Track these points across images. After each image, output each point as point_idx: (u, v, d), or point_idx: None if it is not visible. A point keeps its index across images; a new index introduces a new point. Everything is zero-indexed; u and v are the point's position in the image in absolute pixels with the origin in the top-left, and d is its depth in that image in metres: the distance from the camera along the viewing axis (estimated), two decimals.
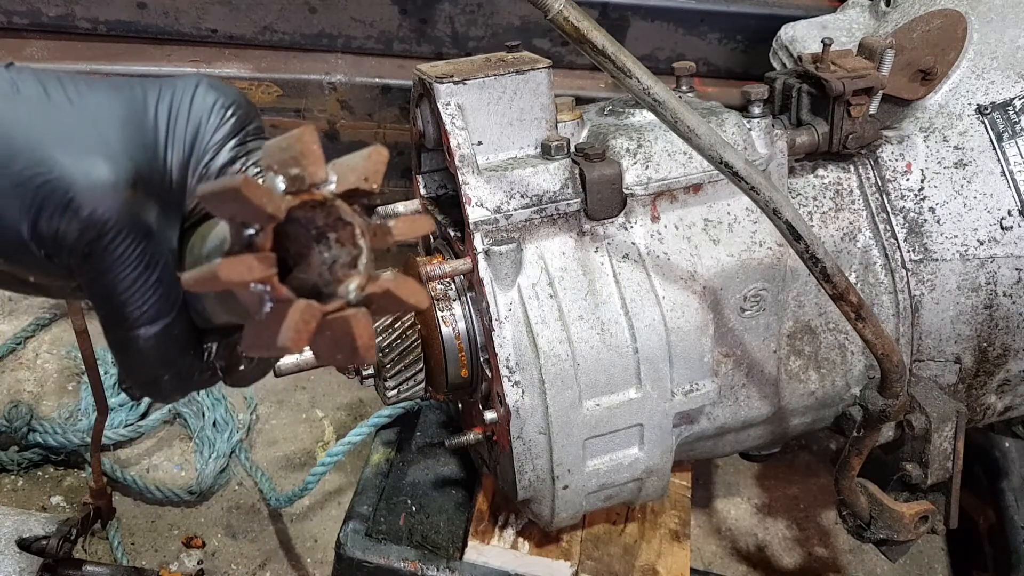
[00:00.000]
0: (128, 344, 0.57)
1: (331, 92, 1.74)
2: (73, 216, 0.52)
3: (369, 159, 0.49)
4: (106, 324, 0.57)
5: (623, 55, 0.82)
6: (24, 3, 1.65)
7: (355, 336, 0.48)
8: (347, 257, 0.49)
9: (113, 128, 0.56)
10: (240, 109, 0.61)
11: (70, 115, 0.55)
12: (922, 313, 1.16)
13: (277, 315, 0.46)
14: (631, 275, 1.03)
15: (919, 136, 1.18)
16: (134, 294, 0.55)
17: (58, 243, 0.52)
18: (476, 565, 1.19)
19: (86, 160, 0.53)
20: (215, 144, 0.60)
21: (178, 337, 0.58)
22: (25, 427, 1.68)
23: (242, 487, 1.70)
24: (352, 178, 0.49)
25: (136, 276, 0.55)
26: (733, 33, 1.70)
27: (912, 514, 1.12)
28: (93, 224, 0.52)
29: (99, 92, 0.57)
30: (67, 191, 0.52)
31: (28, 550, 1.27)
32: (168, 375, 0.60)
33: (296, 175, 0.47)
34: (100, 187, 0.52)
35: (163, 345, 0.57)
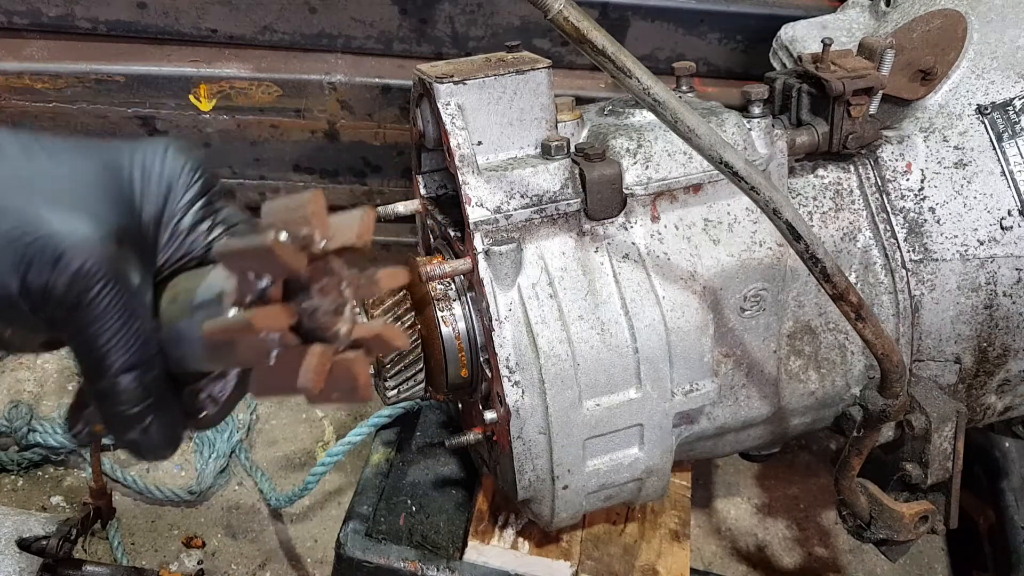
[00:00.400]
0: (111, 393, 0.59)
1: (331, 92, 1.74)
2: (63, 270, 0.54)
3: (362, 220, 0.54)
4: (88, 376, 0.60)
5: (623, 55, 0.82)
6: (24, 3, 1.65)
7: (356, 376, 0.53)
8: (332, 305, 0.55)
9: (93, 186, 0.59)
10: (206, 173, 0.65)
11: (52, 174, 0.59)
12: (922, 313, 1.16)
13: (290, 359, 0.52)
14: (631, 275, 1.03)
15: (919, 136, 1.18)
16: (117, 343, 0.58)
17: (46, 296, 0.55)
18: (476, 565, 1.19)
19: (73, 217, 0.56)
20: (185, 204, 0.64)
21: (159, 383, 0.61)
22: (25, 427, 1.68)
23: (242, 487, 1.70)
24: (345, 236, 0.54)
25: (120, 325, 0.57)
26: (733, 33, 1.70)
27: (912, 514, 1.12)
28: (81, 277, 0.55)
29: (76, 152, 0.61)
30: (56, 247, 0.54)
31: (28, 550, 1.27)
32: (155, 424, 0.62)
33: (306, 235, 0.52)
34: (87, 242, 0.55)
35: (145, 391, 0.60)
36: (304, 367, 0.51)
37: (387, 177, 1.88)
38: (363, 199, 1.90)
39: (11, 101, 1.74)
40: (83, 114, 1.76)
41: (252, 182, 1.88)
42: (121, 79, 1.72)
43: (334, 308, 0.55)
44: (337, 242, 0.54)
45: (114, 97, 1.74)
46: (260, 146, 1.82)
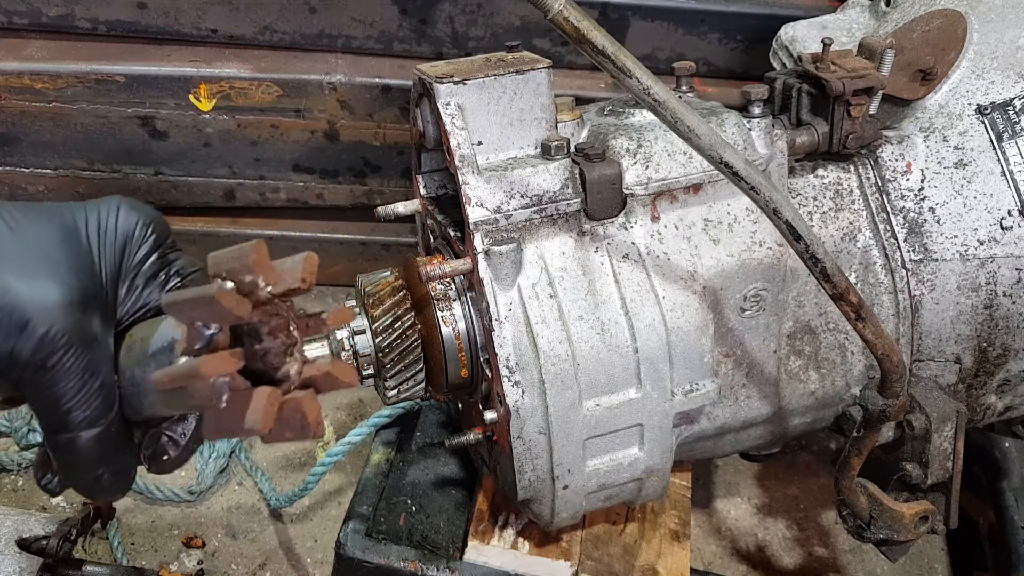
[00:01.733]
0: (70, 447, 0.62)
1: (331, 92, 1.74)
2: (29, 336, 0.57)
3: (305, 264, 0.57)
4: (48, 429, 0.63)
5: (623, 55, 0.82)
6: (24, 3, 1.65)
7: (306, 415, 0.55)
8: (281, 347, 0.57)
9: (55, 251, 0.63)
10: (158, 227, 0.70)
11: (14, 242, 0.61)
12: (922, 313, 1.16)
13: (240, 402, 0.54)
14: (631, 275, 1.03)
15: (919, 136, 1.18)
16: (79, 401, 0.61)
17: (12, 360, 0.58)
18: (476, 565, 1.19)
19: (37, 284, 0.59)
20: (140, 259, 0.68)
21: (116, 436, 0.64)
22: (25, 427, 1.68)
23: (242, 487, 1.70)
24: (290, 280, 0.57)
25: (81, 384, 0.61)
26: (733, 33, 1.70)
27: (912, 514, 1.12)
28: (47, 342, 0.58)
29: (34, 218, 0.64)
30: (23, 314, 0.57)
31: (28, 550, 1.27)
32: (108, 473, 0.65)
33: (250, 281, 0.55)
34: (53, 308, 0.59)
35: (103, 445, 0.63)
36: (251, 409, 0.53)
37: (387, 177, 1.88)
38: (363, 199, 1.91)
39: (11, 101, 1.74)
40: (83, 114, 1.76)
41: (252, 182, 1.88)
42: (121, 79, 1.73)
43: (284, 349, 0.57)
44: (283, 286, 0.57)
45: (114, 97, 1.74)
46: (260, 146, 1.82)
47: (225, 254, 0.56)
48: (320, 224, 1.99)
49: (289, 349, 0.58)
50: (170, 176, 1.87)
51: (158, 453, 0.69)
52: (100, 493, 0.67)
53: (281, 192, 1.90)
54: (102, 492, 0.67)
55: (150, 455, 0.69)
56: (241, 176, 1.87)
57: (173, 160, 1.84)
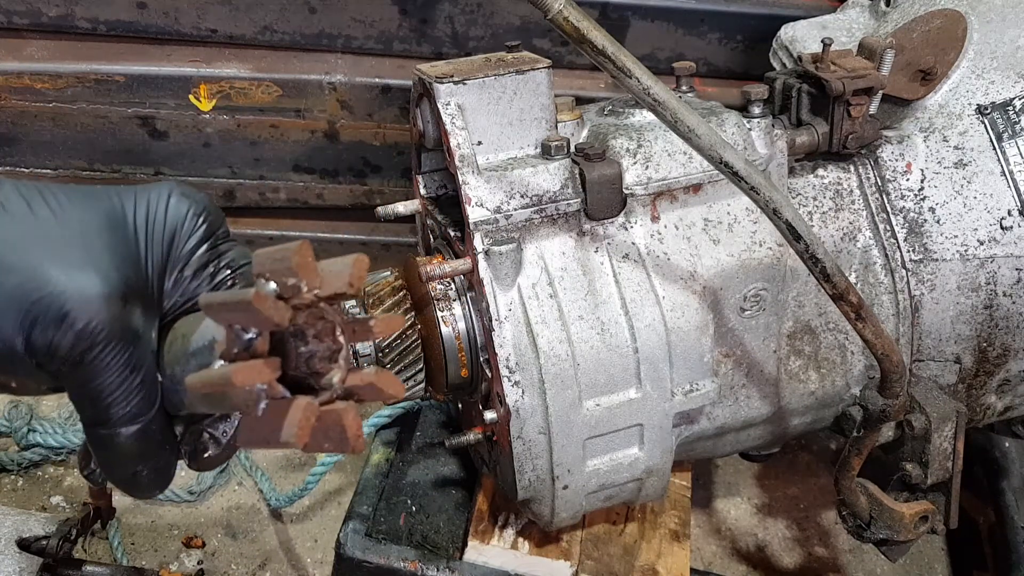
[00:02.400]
0: (109, 442, 0.61)
1: (331, 92, 1.74)
2: (68, 329, 0.55)
3: (354, 267, 0.54)
4: (88, 423, 0.61)
5: (623, 55, 0.82)
6: (24, 3, 1.65)
7: (346, 428, 0.53)
8: (326, 352, 0.55)
9: (98, 240, 0.60)
10: (210, 216, 0.66)
11: (57, 229, 0.58)
12: (922, 313, 1.16)
13: (276, 412, 0.51)
14: (631, 275, 1.03)
15: (919, 136, 1.18)
16: (119, 397, 0.59)
17: (51, 353, 0.56)
18: (476, 565, 1.19)
19: (78, 275, 0.56)
20: (189, 250, 0.65)
21: (156, 433, 0.62)
22: (25, 427, 1.68)
23: (242, 487, 1.70)
24: (337, 284, 0.54)
25: (122, 380, 0.59)
26: (733, 33, 1.70)
27: (912, 514, 1.12)
28: (86, 336, 0.56)
29: (79, 203, 0.61)
30: (62, 306, 0.55)
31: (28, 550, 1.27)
32: (147, 470, 0.63)
33: (293, 284, 0.52)
34: (93, 300, 0.56)
35: (143, 442, 0.61)
36: (288, 421, 0.51)
37: (387, 177, 1.88)
38: (363, 199, 1.91)
39: (11, 101, 1.74)
40: (83, 114, 1.76)
41: (252, 182, 1.88)
42: (121, 79, 1.72)
43: (329, 354, 0.55)
44: (329, 289, 0.54)
45: (114, 97, 1.74)
46: (260, 146, 1.82)
47: (269, 253, 0.53)
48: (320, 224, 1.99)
49: (334, 355, 0.55)
50: (170, 176, 1.86)
51: (199, 450, 0.67)
52: (138, 490, 0.65)
53: (281, 192, 1.90)
54: (140, 489, 0.65)
55: (191, 452, 0.67)
56: (241, 176, 1.87)
57: (173, 160, 1.84)
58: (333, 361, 0.55)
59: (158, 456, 0.63)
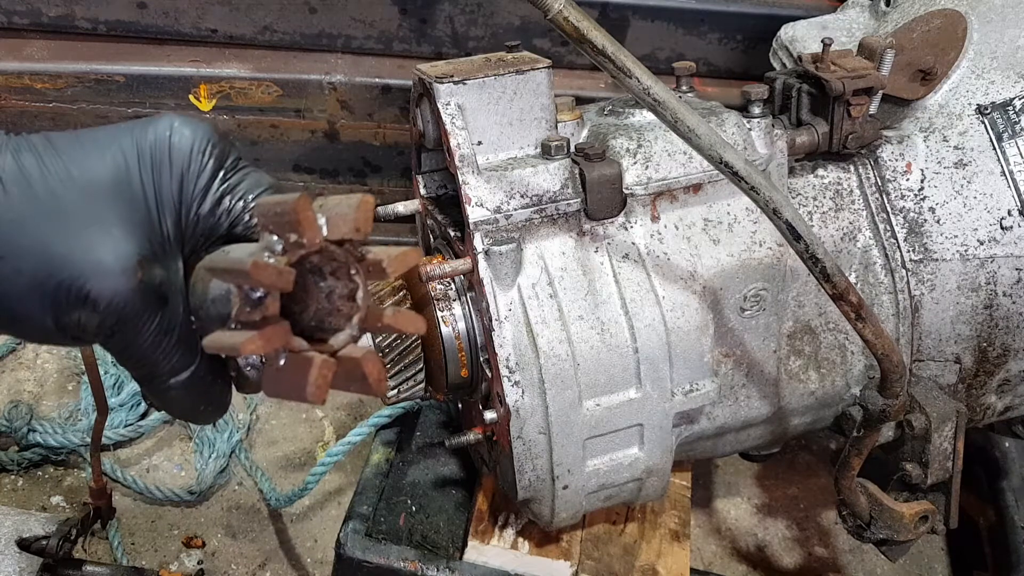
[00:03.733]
0: (164, 393, 0.63)
1: (331, 92, 1.74)
2: (92, 308, 0.55)
3: (359, 209, 0.53)
4: (140, 380, 0.63)
5: (623, 55, 0.82)
6: (24, 3, 1.65)
7: (366, 374, 0.54)
8: (344, 289, 0.54)
9: (107, 206, 0.58)
10: (216, 146, 0.64)
11: (63, 202, 0.57)
12: (922, 313, 1.16)
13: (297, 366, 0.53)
14: (631, 275, 1.03)
15: (919, 136, 1.18)
16: (160, 356, 0.60)
17: (81, 330, 0.56)
18: (476, 565, 1.19)
19: (93, 252, 0.56)
20: (202, 188, 0.63)
21: (205, 375, 0.64)
22: (25, 427, 1.68)
23: (242, 487, 1.70)
24: (344, 228, 0.53)
25: (158, 341, 0.59)
26: (733, 33, 1.70)
27: (912, 514, 1.12)
28: (111, 312, 0.56)
29: (81, 163, 0.59)
30: (82, 287, 0.55)
31: (28, 550, 1.27)
32: (204, 405, 0.66)
33: (295, 240, 0.52)
34: (112, 276, 0.55)
35: (195, 386, 0.63)
36: (309, 381, 0.52)
37: (387, 177, 1.88)
38: None
39: (11, 101, 1.74)
40: (83, 114, 1.76)
41: None
42: (121, 79, 1.73)
43: (348, 292, 0.55)
44: (335, 234, 0.53)
45: (114, 97, 1.74)
46: (260, 146, 1.82)
47: (269, 205, 0.53)
48: None
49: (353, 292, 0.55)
50: None
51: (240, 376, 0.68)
52: (201, 420, 0.68)
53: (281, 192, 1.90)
54: (203, 419, 0.68)
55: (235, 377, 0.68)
56: None
57: None
58: (352, 299, 0.55)
59: (212, 392, 0.65)
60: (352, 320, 0.55)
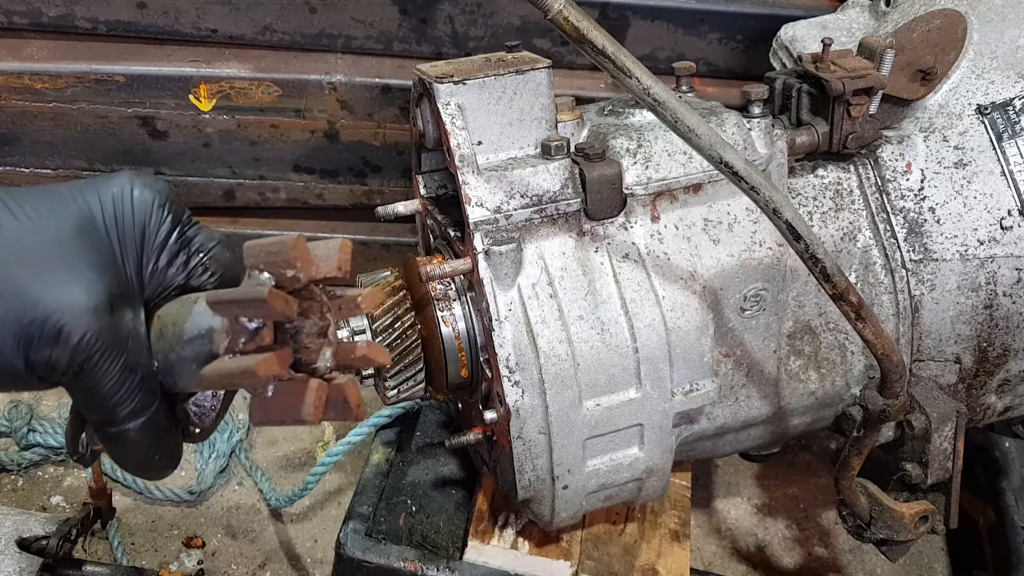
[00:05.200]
0: (120, 438, 0.64)
1: (331, 92, 1.74)
2: (65, 344, 0.57)
3: (340, 251, 0.59)
4: (96, 424, 0.63)
5: (623, 55, 0.82)
6: (24, 3, 1.65)
7: (348, 399, 0.58)
8: (313, 328, 0.59)
9: (75, 249, 0.61)
10: (173, 204, 0.68)
11: (33, 244, 0.60)
12: (922, 313, 1.16)
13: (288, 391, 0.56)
14: (631, 275, 1.03)
15: (919, 136, 1.18)
16: (123, 397, 0.61)
17: (50, 368, 0.58)
18: (476, 565, 1.19)
19: (64, 290, 0.58)
20: (161, 240, 0.66)
21: (161, 421, 0.65)
22: (25, 427, 1.68)
23: (242, 487, 1.70)
24: (328, 268, 0.59)
25: (121, 382, 0.61)
26: (733, 33, 1.70)
27: (912, 514, 1.12)
28: (83, 348, 0.58)
29: (48, 211, 0.62)
30: (55, 324, 0.57)
31: (28, 550, 1.27)
32: (158, 455, 0.66)
33: (292, 276, 0.57)
34: (83, 314, 0.58)
35: (151, 432, 0.64)
36: (306, 402, 0.56)
37: (387, 177, 1.88)
38: (363, 199, 1.90)
39: (11, 101, 1.74)
40: (83, 114, 1.76)
41: (252, 182, 1.88)
42: (121, 79, 1.72)
43: (317, 331, 0.59)
44: (321, 274, 0.58)
45: (114, 97, 1.74)
46: (260, 146, 1.82)
47: (263, 245, 0.57)
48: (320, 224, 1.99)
49: (323, 330, 0.59)
50: (170, 176, 1.86)
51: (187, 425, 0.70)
52: (153, 474, 0.68)
53: (281, 192, 1.90)
54: (155, 472, 0.68)
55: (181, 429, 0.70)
56: (241, 176, 1.87)
57: (173, 160, 1.84)
58: (322, 336, 0.59)
59: (166, 440, 0.66)
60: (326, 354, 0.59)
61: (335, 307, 0.60)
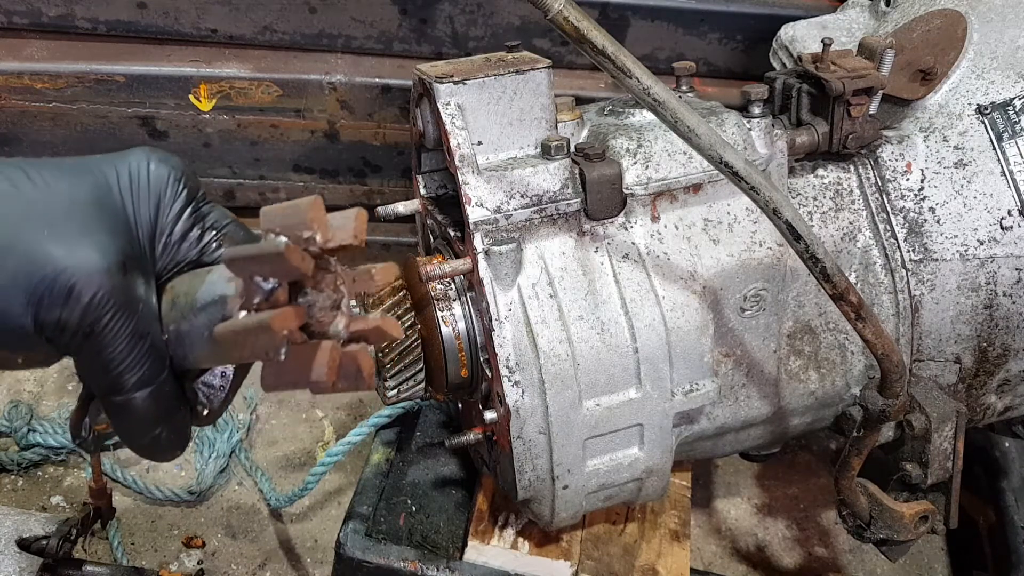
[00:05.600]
0: (126, 408, 0.62)
1: (331, 92, 1.74)
2: (76, 303, 0.57)
3: (356, 220, 0.58)
4: (102, 392, 0.62)
5: (623, 55, 0.82)
6: (24, 3, 1.65)
7: (361, 368, 0.57)
8: (327, 300, 0.58)
9: (90, 213, 0.61)
10: (189, 180, 0.68)
11: (48, 205, 0.60)
12: (922, 313, 1.16)
13: (301, 355, 0.55)
14: (631, 275, 1.03)
15: (919, 136, 1.18)
16: (131, 363, 0.61)
17: (60, 328, 0.57)
18: (476, 565, 1.19)
19: (78, 249, 0.58)
20: (175, 215, 0.67)
21: (169, 393, 0.64)
22: (25, 427, 1.68)
23: (242, 487, 1.70)
24: (343, 236, 0.57)
25: (132, 347, 0.60)
26: (733, 33, 1.70)
27: (912, 514, 1.12)
28: (93, 308, 0.57)
29: (65, 177, 0.62)
30: (67, 281, 0.57)
31: (28, 550, 1.27)
32: (165, 431, 0.65)
33: (308, 237, 0.55)
34: (96, 273, 0.58)
35: (158, 404, 0.63)
36: (317, 362, 0.54)
37: (387, 177, 1.88)
38: (363, 199, 1.91)
39: (11, 101, 1.74)
40: (83, 114, 1.76)
41: (252, 182, 1.88)
42: (121, 79, 1.73)
43: (331, 303, 0.57)
44: (336, 242, 0.56)
45: (114, 97, 1.74)
46: (260, 146, 1.82)
47: (279, 209, 0.56)
48: None
49: (337, 303, 0.58)
50: None
51: (197, 406, 0.69)
52: (160, 452, 0.67)
53: (281, 192, 1.90)
54: (162, 451, 0.67)
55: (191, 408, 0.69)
56: (241, 176, 1.87)
57: None
58: (336, 309, 0.58)
59: (174, 416, 0.65)
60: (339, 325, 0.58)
61: (349, 279, 0.59)
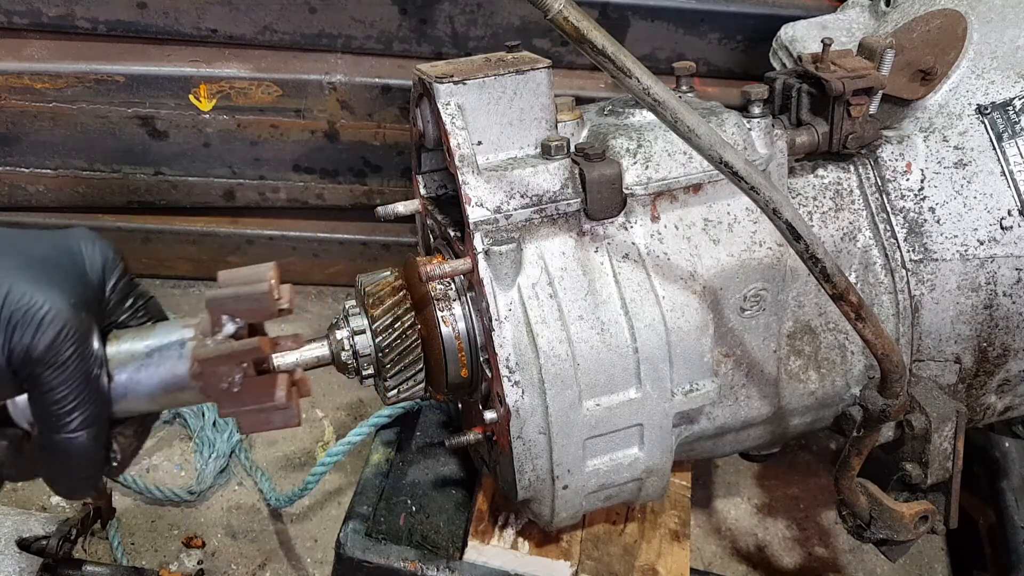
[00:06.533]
0: (66, 446, 0.68)
1: (331, 92, 1.74)
2: (45, 331, 0.65)
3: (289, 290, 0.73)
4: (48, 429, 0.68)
5: (623, 55, 0.82)
6: (24, 3, 1.65)
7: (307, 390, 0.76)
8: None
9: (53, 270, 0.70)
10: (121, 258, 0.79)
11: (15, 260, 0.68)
12: (922, 313, 1.16)
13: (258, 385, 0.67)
14: (631, 275, 1.03)
15: (919, 136, 1.18)
16: (82, 400, 0.67)
17: (27, 356, 0.64)
18: (476, 565, 1.19)
19: (49, 290, 0.66)
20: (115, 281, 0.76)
21: (103, 439, 0.71)
22: None
23: (242, 487, 1.70)
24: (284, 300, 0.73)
25: (85, 384, 0.67)
26: (733, 33, 1.70)
27: (912, 514, 1.12)
28: (60, 339, 0.65)
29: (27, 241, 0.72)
30: (38, 312, 0.65)
31: (28, 550, 1.27)
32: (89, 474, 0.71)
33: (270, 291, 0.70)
34: (64, 309, 0.66)
35: (94, 447, 0.69)
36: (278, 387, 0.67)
37: (387, 177, 1.88)
38: (363, 199, 1.91)
39: (11, 101, 1.74)
40: (83, 114, 1.76)
41: (252, 182, 1.88)
42: (121, 79, 1.73)
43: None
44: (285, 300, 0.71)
45: (114, 97, 1.74)
46: (260, 146, 1.82)
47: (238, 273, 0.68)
48: (320, 224, 1.99)
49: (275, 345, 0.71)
50: (170, 176, 1.87)
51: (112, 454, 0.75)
52: (79, 492, 0.73)
53: (281, 192, 1.90)
54: (84, 491, 0.73)
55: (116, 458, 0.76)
56: (241, 176, 1.87)
57: (173, 160, 1.84)
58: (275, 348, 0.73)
59: (97, 460, 0.71)
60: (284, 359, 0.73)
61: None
